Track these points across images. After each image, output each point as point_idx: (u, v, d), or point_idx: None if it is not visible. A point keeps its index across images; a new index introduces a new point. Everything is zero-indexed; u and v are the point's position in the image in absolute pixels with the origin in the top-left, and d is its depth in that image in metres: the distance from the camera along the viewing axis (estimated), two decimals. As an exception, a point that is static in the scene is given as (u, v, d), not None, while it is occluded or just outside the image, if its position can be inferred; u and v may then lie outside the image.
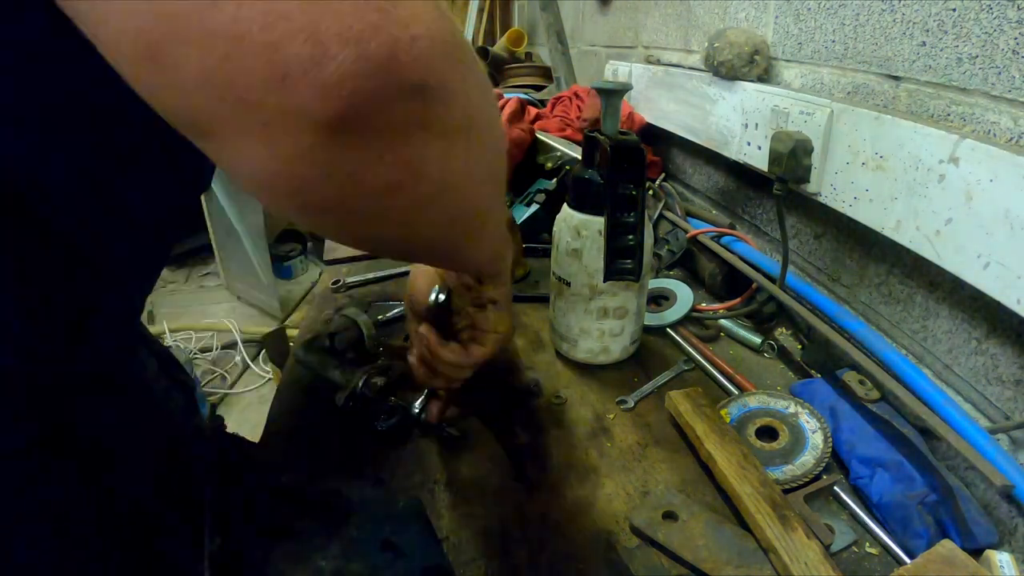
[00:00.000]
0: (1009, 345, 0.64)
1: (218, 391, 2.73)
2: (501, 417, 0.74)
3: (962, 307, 0.70)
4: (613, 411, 0.81)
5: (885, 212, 0.72)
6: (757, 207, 1.12)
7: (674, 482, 0.69)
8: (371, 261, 1.31)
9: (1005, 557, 0.55)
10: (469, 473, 0.72)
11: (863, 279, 0.86)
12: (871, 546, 0.61)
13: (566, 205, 0.83)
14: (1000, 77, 0.61)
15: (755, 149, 0.95)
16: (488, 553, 0.61)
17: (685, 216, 1.24)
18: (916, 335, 0.77)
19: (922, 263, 0.73)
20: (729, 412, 0.77)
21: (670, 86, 1.26)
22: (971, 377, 0.69)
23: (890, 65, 0.76)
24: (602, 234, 0.78)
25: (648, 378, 0.87)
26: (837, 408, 0.74)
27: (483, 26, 3.22)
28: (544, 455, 0.74)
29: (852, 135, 0.76)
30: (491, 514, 0.66)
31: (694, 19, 1.27)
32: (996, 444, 0.61)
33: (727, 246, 1.07)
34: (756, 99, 0.94)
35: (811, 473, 0.67)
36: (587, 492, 0.68)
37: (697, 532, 0.60)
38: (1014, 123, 0.60)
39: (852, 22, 0.82)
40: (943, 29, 0.67)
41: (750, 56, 0.97)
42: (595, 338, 0.86)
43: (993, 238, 0.58)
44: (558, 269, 0.85)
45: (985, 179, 0.58)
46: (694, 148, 1.27)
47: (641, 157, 0.76)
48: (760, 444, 0.72)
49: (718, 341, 0.97)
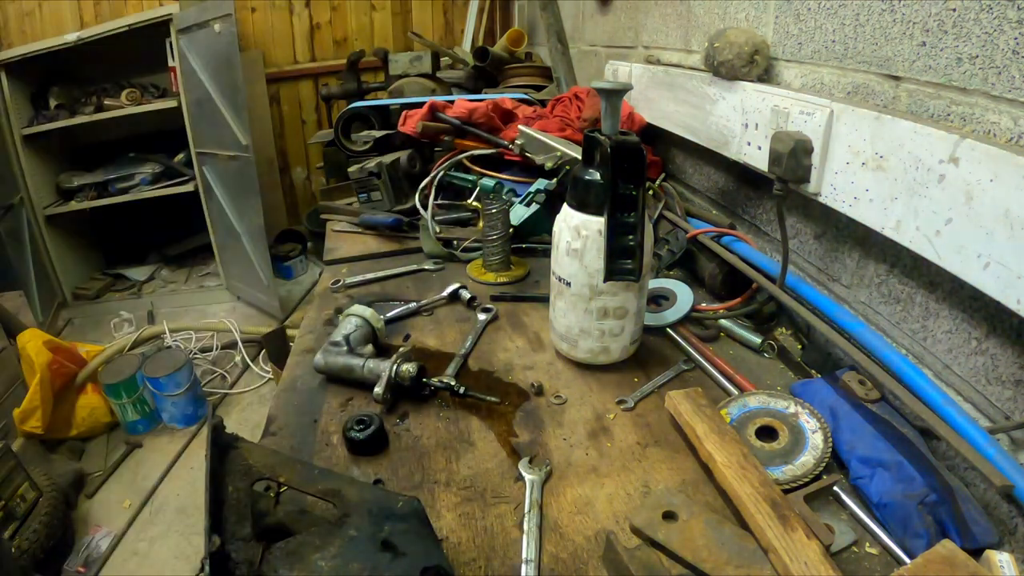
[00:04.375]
0: (1009, 345, 0.64)
1: (218, 391, 2.73)
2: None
3: (962, 307, 0.70)
4: (613, 411, 0.81)
5: (885, 212, 0.72)
6: (757, 207, 1.12)
7: (674, 482, 0.69)
8: (371, 261, 1.32)
9: (1005, 557, 0.55)
10: (469, 473, 0.72)
11: (863, 279, 0.86)
12: (871, 546, 0.61)
13: (566, 205, 0.83)
14: (1000, 77, 0.61)
15: (755, 149, 0.95)
16: (488, 553, 0.61)
17: (685, 216, 1.24)
18: (916, 335, 0.77)
19: (922, 263, 0.73)
20: (729, 412, 0.77)
21: (670, 86, 1.26)
22: (971, 377, 0.69)
23: (890, 65, 0.76)
24: (602, 234, 0.78)
25: (648, 378, 0.87)
26: (837, 408, 0.74)
27: (483, 26, 3.22)
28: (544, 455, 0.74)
29: (852, 135, 0.76)
30: (491, 514, 0.66)
31: (694, 19, 1.27)
32: (996, 444, 0.61)
33: (727, 246, 1.07)
34: (756, 99, 0.94)
35: (811, 473, 0.67)
36: (587, 492, 0.68)
37: (697, 532, 0.60)
38: (1014, 123, 0.60)
39: (852, 22, 0.82)
40: (943, 29, 0.67)
41: (750, 56, 0.97)
42: (595, 338, 0.86)
43: (993, 238, 0.58)
44: (558, 269, 0.85)
45: (985, 179, 0.58)
46: (694, 148, 1.27)
47: (641, 157, 0.76)
48: (760, 444, 0.72)
49: (718, 341, 0.97)
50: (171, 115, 3.06)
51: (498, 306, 1.08)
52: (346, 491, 0.58)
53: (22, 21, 3.24)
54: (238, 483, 0.59)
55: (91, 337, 3.09)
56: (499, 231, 1.17)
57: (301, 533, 0.54)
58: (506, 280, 1.19)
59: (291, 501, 0.65)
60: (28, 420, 2.16)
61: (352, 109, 1.79)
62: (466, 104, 1.54)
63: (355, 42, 3.63)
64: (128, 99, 3.08)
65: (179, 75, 3.01)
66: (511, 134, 1.49)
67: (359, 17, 3.64)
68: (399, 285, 1.19)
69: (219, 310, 3.39)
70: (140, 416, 2.43)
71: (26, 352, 2.20)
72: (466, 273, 1.22)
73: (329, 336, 0.91)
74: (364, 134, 1.73)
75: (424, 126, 1.52)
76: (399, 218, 1.39)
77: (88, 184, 3.24)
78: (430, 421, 0.81)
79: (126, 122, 3.14)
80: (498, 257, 1.20)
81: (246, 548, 0.53)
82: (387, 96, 2.32)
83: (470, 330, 1.01)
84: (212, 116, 2.93)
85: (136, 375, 2.38)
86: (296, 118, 3.82)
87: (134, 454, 2.37)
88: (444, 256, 1.29)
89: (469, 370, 0.92)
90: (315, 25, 3.61)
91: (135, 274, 3.63)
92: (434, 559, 0.51)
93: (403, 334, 1.02)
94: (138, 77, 3.37)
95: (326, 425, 0.80)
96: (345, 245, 1.39)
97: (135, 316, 3.25)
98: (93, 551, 1.92)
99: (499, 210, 1.15)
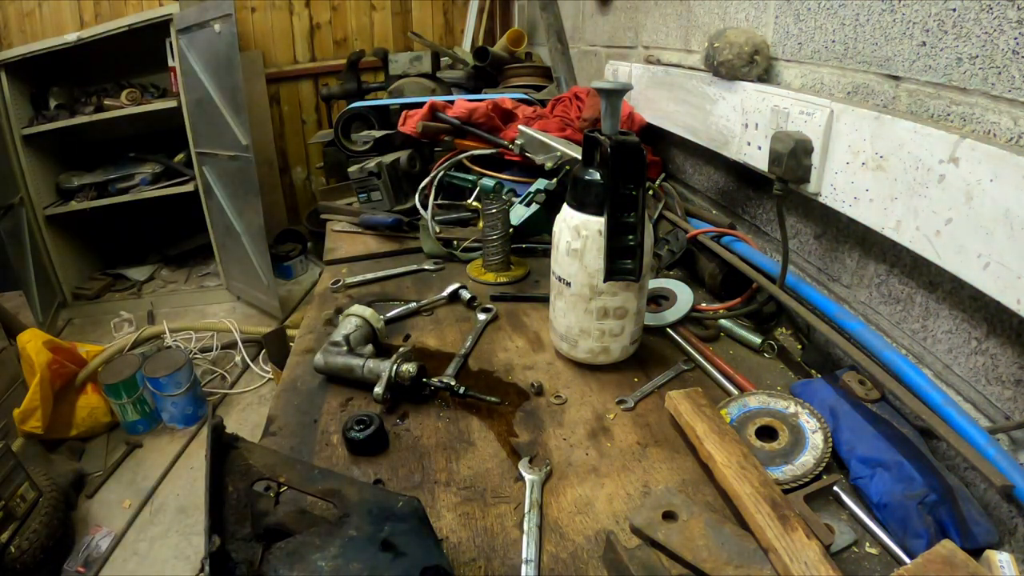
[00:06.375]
0: (1009, 345, 0.64)
1: (218, 391, 2.73)
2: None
3: (962, 307, 0.70)
4: (613, 411, 0.81)
5: (885, 212, 0.72)
6: (757, 207, 1.12)
7: (674, 482, 0.69)
8: (371, 261, 1.32)
9: (1005, 557, 0.55)
10: (469, 473, 0.72)
11: (863, 279, 0.86)
12: (871, 546, 0.61)
13: (566, 205, 0.83)
14: (1000, 77, 0.61)
15: (755, 149, 0.95)
16: (488, 553, 0.61)
17: (685, 216, 1.24)
18: (916, 335, 0.77)
19: (922, 263, 0.73)
20: (729, 412, 0.77)
21: (670, 86, 1.26)
22: (971, 377, 0.69)
23: (890, 65, 0.76)
24: (602, 234, 0.78)
25: (648, 378, 0.87)
26: (837, 408, 0.74)
27: (483, 26, 3.22)
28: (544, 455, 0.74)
29: (852, 135, 0.76)
30: (491, 514, 0.66)
31: (694, 19, 1.27)
32: (996, 444, 0.61)
33: (727, 246, 1.07)
34: (756, 99, 0.94)
35: (811, 473, 0.67)
36: (587, 492, 0.68)
37: (697, 532, 0.60)
38: (1014, 123, 0.60)
39: (852, 22, 0.82)
40: (943, 29, 0.67)
41: (750, 56, 0.97)
42: (595, 338, 0.86)
43: (993, 238, 0.58)
44: (558, 269, 0.85)
45: (985, 179, 0.58)
46: (694, 148, 1.27)
47: (641, 157, 0.76)
48: (760, 444, 0.72)
49: (718, 341, 0.97)
50: (171, 115, 3.06)
51: (498, 306, 1.08)
52: (346, 491, 0.58)
53: (22, 21, 3.24)
54: (238, 483, 0.59)
55: (91, 337, 3.09)
56: (499, 231, 1.17)
57: (301, 533, 0.54)
58: (506, 280, 1.19)
59: (291, 501, 0.65)
60: (28, 420, 2.16)
61: (352, 109, 1.79)
62: (466, 104, 1.54)
63: (355, 42, 3.63)
64: (128, 99, 3.08)
65: (179, 75, 3.01)
66: (511, 134, 1.49)
67: (359, 17, 3.64)
68: (399, 285, 1.19)
69: (219, 310, 3.39)
70: (140, 416, 2.44)
71: (26, 352, 2.20)
72: (466, 273, 1.22)
73: (329, 336, 0.91)
74: (364, 134, 1.73)
75: (424, 126, 1.52)
76: (399, 218, 1.39)
77: (88, 184, 3.24)
78: (430, 421, 0.81)
79: (126, 122, 3.14)
80: (498, 257, 1.20)
81: (246, 548, 0.53)
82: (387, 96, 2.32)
83: (470, 330, 1.01)
84: (212, 116, 2.93)
85: (136, 375, 2.38)
86: (296, 118, 3.82)
87: (134, 454, 2.37)
88: (444, 256, 1.29)
89: (469, 370, 0.92)
90: (315, 25, 3.61)
91: (135, 274, 3.63)
92: (434, 559, 0.51)
93: (403, 334, 1.02)
94: (138, 77, 3.37)
95: (326, 425, 0.80)
96: (345, 245, 1.39)
97: (135, 316, 3.25)
98: (93, 551, 1.92)
99: (499, 210, 1.15)
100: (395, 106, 1.81)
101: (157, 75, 3.32)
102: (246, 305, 3.40)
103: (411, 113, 1.57)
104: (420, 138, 1.56)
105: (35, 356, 2.18)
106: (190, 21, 2.86)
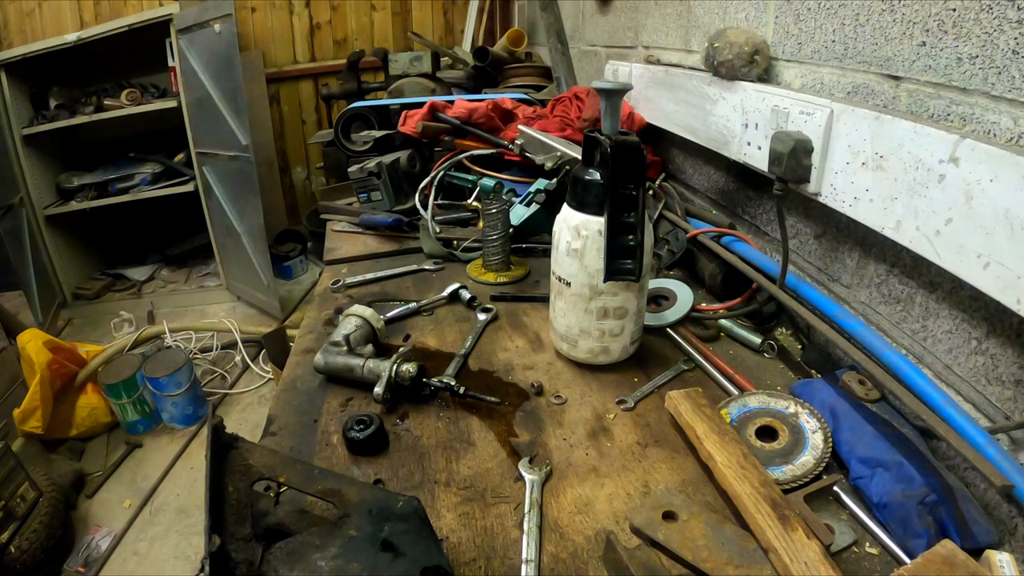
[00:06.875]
0: (1009, 345, 0.64)
1: (218, 391, 2.73)
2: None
3: (962, 307, 0.70)
4: (613, 411, 0.81)
5: (885, 212, 0.72)
6: (757, 207, 1.12)
7: (674, 482, 0.69)
8: (371, 261, 1.32)
9: (1005, 557, 0.55)
10: (469, 473, 0.72)
11: (863, 279, 0.86)
12: (871, 546, 0.61)
13: (566, 205, 0.83)
14: (1000, 77, 0.61)
15: (755, 149, 0.95)
16: (488, 553, 0.61)
17: (685, 216, 1.24)
18: (916, 335, 0.77)
19: (922, 263, 0.73)
20: (729, 412, 0.77)
21: (670, 86, 1.26)
22: (971, 377, 0.69)
23: (890, 65, 0.76)
24: (602, 234, 0.78)
25: (648, 378, 0.87)
26: (837, 408, 0.74)
27: (483, 26, 3.22)
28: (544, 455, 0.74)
29: (852, 135, 0.76)
30: (491, 514, 0.66)
31: (694, 19, 1.27)
32: (996, 444, 0.61)
33: (727, 246, 1.07)
34: (756, 99, 0.94)
35: (811, 473, 0.67)
36: (587, 492, 0.68)
37: (697, 532, 0.60)
38: (1014, 123, 0.60)
39: (852, 22, 0.82)
40: (943, 29, 0.67)
41: (750, 56, 0.97)
42: (595, 338, 0.86)
43: (993, 238, 0.58)
44: (558, 269, 0.85)
45: (985, 179, 0.58)
46: (694, 148, 1.27)
47: (641, 157, 0.76)
48: (760, 444, 0.72)
49: (718, 341, 0.97)
50: (171, 115, 3.06)
51: (498, 306, 1.08)
52: (346, 491, 0.58)
53: (22, 21, 3.24)
54: (238, 483, 0.59)
55: (91, 337, 3.09)
56: (499, 231, 1.17)
57: (301, 533, 0.54)
58: (506, 280, 1.19)
59: (291, 501, 0.65)
60: (28, 420, 2.16)
61: (352, 109, 1.79)
62: (466, 104, 1.54)
63: (355, 42, 3.63)
64: (128, 99, 3.08)
65: (179, 75, 3.01)
66: (511, 134, 1.49)
67: (359, 17, 3.64)
68: (399, 285, 1.19)
69: (219, 310, 3.39)
70: (140, 416, 2.44)
71: (26, 352, 2.20)
72: (466, 273, 1.22)
73: (329, 336, 0.91)
74: (364, 134, 1.73)
75: (424, 126, 1.52)
76: (399, 218, 1.39)
77: (88, 184, 3.24)
78: (430, 421, 0.81)
79: (126, 122, 3.14)
80: (498, 257, 1.20)
81: (246, 548, 0.53)
82: (387, 96, 2.32)
83: (470, 330, 1.01)
84: (212, 116, 2.93)
85: (136, 375, 2.38)
86: (296, 118, 3.82)
87: (134, 454, 2.37)
88: (444, 256, 1.29)
89: (469, 370, 0.92)
90: (315, 25, 3.61)
91: (135, 274, 3.63)
92: (434, 559, 0.51)
93: (403, 334, 1.02)
94: (138, 77, 3.37)
95: (326, 425, 0.80)
96: (345, 245, 1.39)
97: (135, 316, 3.25)
98: (93, 551, 1.92)
99: (499, 210, 1.15)
100: (395, 106, 1.81)
101: (157, 75, 3.31)
102: (246, 305, 3.40)
103: (411, 113, 1.57)
104: (420, 138, 1.56)
105: (35, 356, 2.18)
106: (190, 21, 2.86)
